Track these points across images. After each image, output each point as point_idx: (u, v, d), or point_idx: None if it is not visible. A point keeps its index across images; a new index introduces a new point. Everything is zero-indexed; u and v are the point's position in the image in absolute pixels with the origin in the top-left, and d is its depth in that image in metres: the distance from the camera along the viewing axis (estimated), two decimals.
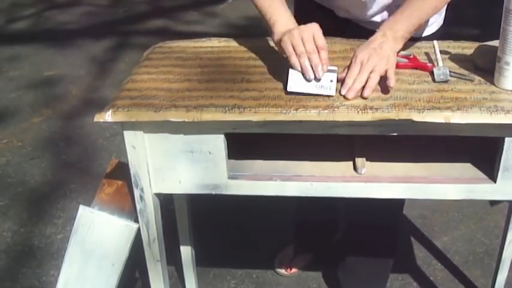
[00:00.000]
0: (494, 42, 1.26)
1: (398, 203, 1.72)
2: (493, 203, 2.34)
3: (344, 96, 1.19)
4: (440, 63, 1.29)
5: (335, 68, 1.22)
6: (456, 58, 1.34)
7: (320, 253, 2.08)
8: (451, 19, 1.22)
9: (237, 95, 1.21)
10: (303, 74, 1.20)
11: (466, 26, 1.35)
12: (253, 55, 1.39)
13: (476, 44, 1.35)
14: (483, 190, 1.25)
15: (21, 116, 3.16)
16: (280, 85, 1.25)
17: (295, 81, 1.20)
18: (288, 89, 1.20)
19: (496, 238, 2.17)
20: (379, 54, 1.22)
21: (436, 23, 1.49)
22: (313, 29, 1.23)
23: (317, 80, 1.20)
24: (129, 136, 1.24)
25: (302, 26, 1.24)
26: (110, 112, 1.19)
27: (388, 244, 1.83)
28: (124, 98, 1.23)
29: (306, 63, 1.20)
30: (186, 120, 1.16)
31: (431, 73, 1.27)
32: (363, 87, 1.20)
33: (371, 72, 1.20)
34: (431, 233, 2.24)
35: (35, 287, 2.02)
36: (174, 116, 1.17)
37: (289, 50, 1.22)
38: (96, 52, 3.93)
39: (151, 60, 1.40)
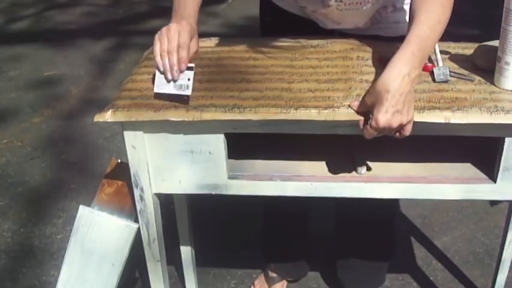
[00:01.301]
0: (494, 42, 1.26)
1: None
2: (493, 203, 2.34)
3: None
4: (440, 63, 1.29)
5: (192, 65, 1.20)
6: (456, 58, 1.34)
7: (293, 279, 2.02)
8: (451, 19, 1.22)
9: (237, 95, 1.21)
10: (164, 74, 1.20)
11: (466, 26, 1.34)
12: (253, 55, 1.39)
13: (476, 44, 1.34)
14: (483, 190, 1.25)
15: (21, 116, 3.15)
16: (280, 85, 1.24)
17: (160, 82, 1.20)
18: (155, 91, 1.20)
19: (496, 238, 2.17)
20: (402, 113, 1.09)
21: None
22: (180, 27, 1.21)
23: (174, 80, 1.19)
24: (129, 136, 1.24)
25: (171, 24, 1.22)
26: (110, 112, 1.19)
27: (382, 238, 1.81)
28: (124, 98, 1.23)
29: (166, 63, 1.19)
30: (186, 119, 1.17)
31: (431, 73, 1.27)
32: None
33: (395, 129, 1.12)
34: (431, 233, 2.24)
35: (35, 287, 2.02)
36: (174, 116, 1.17)
37: (155, 49, 1.21)
38: (96, 52, 3.93)
39: (152, 60, 1.39)
